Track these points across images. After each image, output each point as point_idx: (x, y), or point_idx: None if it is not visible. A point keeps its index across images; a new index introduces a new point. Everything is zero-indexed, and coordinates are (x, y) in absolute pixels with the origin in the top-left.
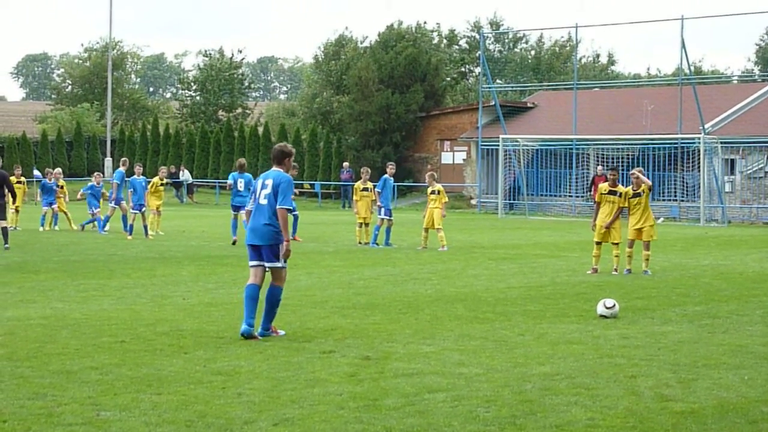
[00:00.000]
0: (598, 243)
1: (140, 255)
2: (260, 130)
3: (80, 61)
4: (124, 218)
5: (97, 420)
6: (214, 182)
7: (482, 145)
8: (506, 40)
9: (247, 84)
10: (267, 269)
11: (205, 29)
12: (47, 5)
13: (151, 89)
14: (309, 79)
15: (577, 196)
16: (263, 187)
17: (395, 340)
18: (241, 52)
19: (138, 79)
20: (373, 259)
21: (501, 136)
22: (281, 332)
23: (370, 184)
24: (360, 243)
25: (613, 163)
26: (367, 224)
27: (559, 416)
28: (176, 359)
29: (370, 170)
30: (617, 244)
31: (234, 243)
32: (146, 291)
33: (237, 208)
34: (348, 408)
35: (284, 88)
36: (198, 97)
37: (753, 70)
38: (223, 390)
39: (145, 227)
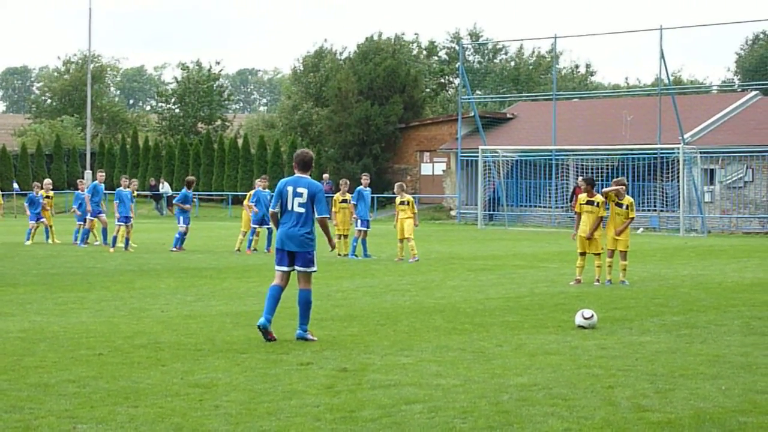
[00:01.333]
0: (582, 254)
1: (119, 268)
2: (240, 142)
3: (59, 75)
4: (104, 231)
5: None
6: (194, 194)
7: (462, 156)
8: (486, 51)
9: (225, 96)
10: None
11: (185, 42)
12: (27, 18)
13: (131, 101)
14: (288, 90)
15: (557, 207)
16: (297, 195)
17: (373, 352)
18: (218, 63)
19: (118, 92)
20: (352, 271)
21: (480, 147)
22: (315, 338)
23: (348, 196)
24: (339, 255)
25: (592, 173)
26: (346, 236)
27: (535, 427)
28: (154, 372)
29: (348, 182)
30: (599, 254)
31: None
32: (125, 304)
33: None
34: (325, 420)
35: (264, 100)
36: (177, 110)
37: (732, 79)
38: (200, 402)
39: (127, 240)
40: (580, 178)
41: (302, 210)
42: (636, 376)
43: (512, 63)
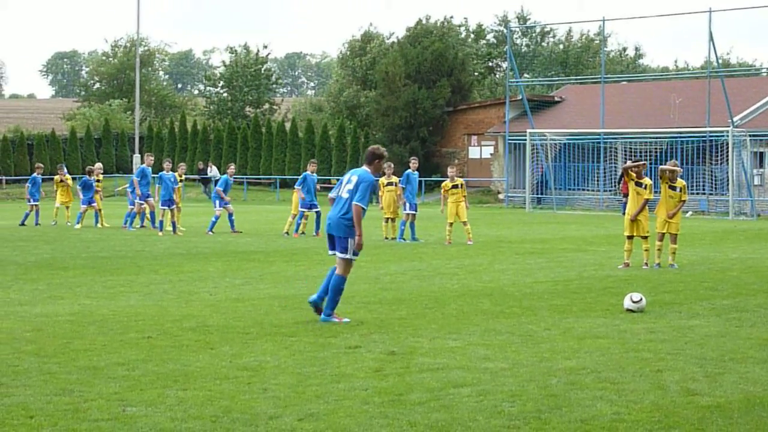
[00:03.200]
0: (630, 237)
1: (168, 251)
2: (287, 125)
3: (107, 58)
4: (153, 215)
5: (123, 415)
6: (242, 178)
7: (509, 140)
8: (533, 35)
9: (273, 80)
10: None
11: (233, 26)
12: (76, 2)
13: (179, 86)
14: (336, 74)
15: (605, 190)
16: (348, 182)
17: (421, 335)
18: (266, 47)
19: (166, 76)
20: (400, 255)
21: (528, 130)
22: (346, 319)
23: (394, 179)
24: (386, 238)
25: (640, 156)
26: (393, 219)
27: (584, 411)
28: (202, 355)
29: (393, 165)
30: (646, 237)
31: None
32: (173, 287)
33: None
34: (373, 403)
35: (312, 84)
36: (225, 94)
37: None
38: (248, 385)
39: (174, 223)
40: (629, 161)
41: (347, 195)
42: (685, 360)
43: (560, 46)
